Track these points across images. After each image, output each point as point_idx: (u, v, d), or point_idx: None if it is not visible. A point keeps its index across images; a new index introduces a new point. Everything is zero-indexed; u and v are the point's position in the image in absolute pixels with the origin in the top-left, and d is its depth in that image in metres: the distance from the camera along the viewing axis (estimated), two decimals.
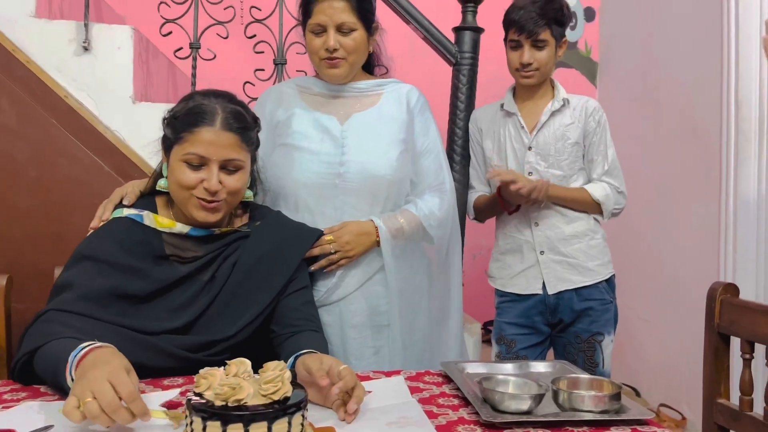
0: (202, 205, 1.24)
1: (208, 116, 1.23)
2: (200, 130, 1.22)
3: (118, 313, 1.18)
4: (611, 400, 0.99)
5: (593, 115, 1.80)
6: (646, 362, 2.79)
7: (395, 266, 1.51)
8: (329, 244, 1.45)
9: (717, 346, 1.26)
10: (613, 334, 1.82)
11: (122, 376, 0.90)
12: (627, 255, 2.77)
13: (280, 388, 0.84)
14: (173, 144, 1.25)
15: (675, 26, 2.64)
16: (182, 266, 1.27)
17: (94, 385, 0.88)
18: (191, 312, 1.24)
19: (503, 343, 1.86)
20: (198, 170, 1.23)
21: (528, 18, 1.74)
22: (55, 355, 1.02)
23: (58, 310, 1.13)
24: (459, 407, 1.04)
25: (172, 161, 1.26)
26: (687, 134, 2.55)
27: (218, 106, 1.25)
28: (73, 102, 1.93)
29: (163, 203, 1.33)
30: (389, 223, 1.50)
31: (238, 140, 1.25)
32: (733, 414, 1.20)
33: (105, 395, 0.87)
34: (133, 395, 0.89)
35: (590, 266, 1.80)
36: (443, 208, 1.57)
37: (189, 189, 1.24)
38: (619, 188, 1.82)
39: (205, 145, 1.22)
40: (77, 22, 1.96)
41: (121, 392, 0.88)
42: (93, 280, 1.19)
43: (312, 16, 1.50)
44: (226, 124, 1.24)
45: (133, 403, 0.88)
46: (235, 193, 1.27)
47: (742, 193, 2.20)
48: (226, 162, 1.24)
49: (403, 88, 1.61)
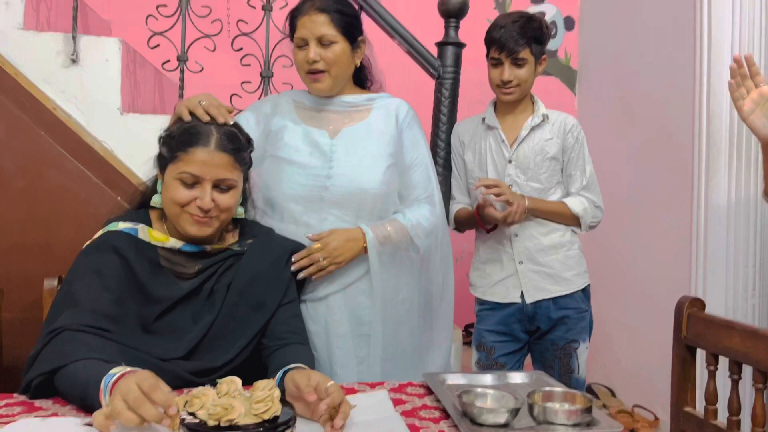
0: (195, 219, 1.28)
1: (203, 137, 1.28)
2: (195, 150, 1.27)
3: (127, 333, 1.21)
4: (583, 413, 1.05)
5: (572, 132, 1.87)
6: (622, 365, 2.88)
7: (381, 273, 1.55)
8: (318, 252, 1.49)
9: (684, 358, 1.33)
10: (588, 341, 1.89)
11: (146, 374, 0.94)
12: (604, 261, 2.85)
13: (270, 407, 0.89)
14: (168, 162, 1.30)
15: (650, 39, 2.72)
16: (180, 282, 1.31)
17: (122, 389, 0.92)
18: (192, 338, 1.27)
19: (483, 350, 1.92)
20: (191, 188, 1.28)
21: (508, 37, 1.80)
22: (84, 377, 1.05)
23: (73, 330, 1.15)
24: (440, 419, 1.10)
25: (167, 179, 1.30)
26: (661, 144, 2.63)
27: (213, 127, 1.30)
28: (62, 114, 1.95)
29: (156, 217, 1.37)
30: (377, 231, 1.54)
31: (232, 161, 1.30)
32: (699, 422, 1.27)
33: (130, 393, 0.91)
34: (153, 387, 0.92)
35: (567, 276, 1.86)
36: (431, 220, 1.61)
37: (182, 206, 1.28)
38: (597, 202, 1.89)
39: (199, 165, 1.26)
40: (65, 34, 1.98)
41: (143, 387, 0.91)
42: (100, 295, 1.21)
43: (296, 30, 1.57)
44: (221, 145, 1.28)
45: (153, 394, 0.91)
46: (227, 210, 1.32)
47: (713, 203, 2.27)
48: (219, 181, 1.29)
49: (393, 103, 1.65)
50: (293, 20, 1.58)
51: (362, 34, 1.61)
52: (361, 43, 1.61)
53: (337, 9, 1.55)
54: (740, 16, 2.25)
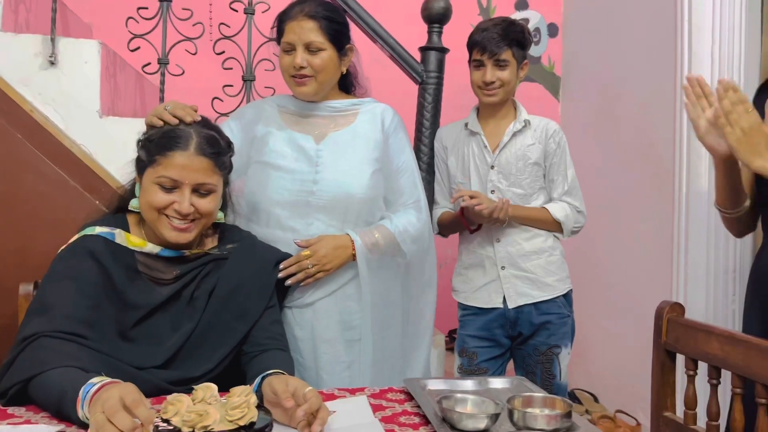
0: (173, 225, 1.27)
1: (183, 141, 1.26)
2: (174, 154, 1.25)
3: (103, 340, 1.19)
4: (563, 418, 1.05)
5: (553, 137, 1.88)
6: (604, 370, 2.88)
7: (370, 280, 1.55)
8: (306, 259, 1.48)
9: (664, 362, 1.33)
10: (570, 346, 1.89)
11: (130, 388, 0.93)
12: (586, 267, 2.86)
13: (246, 413, 0.88)
14: (147, 166, 1.28)
15: (632, 46, 2.74)
16: (158, 288, 1.29)
17: (102, 401, 0.91)
18: (171, 346, 1.25)
19: (465, 356, 1.92)
20: (170, 192, 1.26)
21: (490, 39, 1.81)
22: (60, 386, 1.03)
23: (48, 336, 1.13)
24: (419, 426, 1.09)
25: (145, 183, 1.28)
26: (642, 151, 2.65)
27: (193, 130, 1.28)
28: (39, 116, 1.92)
29: (135, 221, 1.35)
30: (365, 238, 1.54)
31: (211, 165, 1.28)
32: (678, 427, 1.27)
33: (108, 401, 0.90)
34: (136, 402, 0.90)
35: (549, 281, 1.87)
36: (417, 225, 1.62)
37: (160, 210, 1.26)
38: (579, 208, 1.89)
39: (178, 169, 1.25)
40: (43, 36, 1.95)
41: (126, 400, 0.90)
42: (75, 301, 1.19)
43: (284, 34, 1.56)
44: (200, 149, 1.27)
45: (135, 409, 0.89)
46: (207, 215, 1.30)
47: (694, 209, 2.29)
48: (198, 186, 1.27)
49: (378, 108, 1.65)
50: (281, 24, 1.58)
51: (350, 42, 1.62)
52: (349, 51, 1.62)
53: (327, 16, 1.55)
54: (720, 25, 2.28)
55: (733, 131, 1.29)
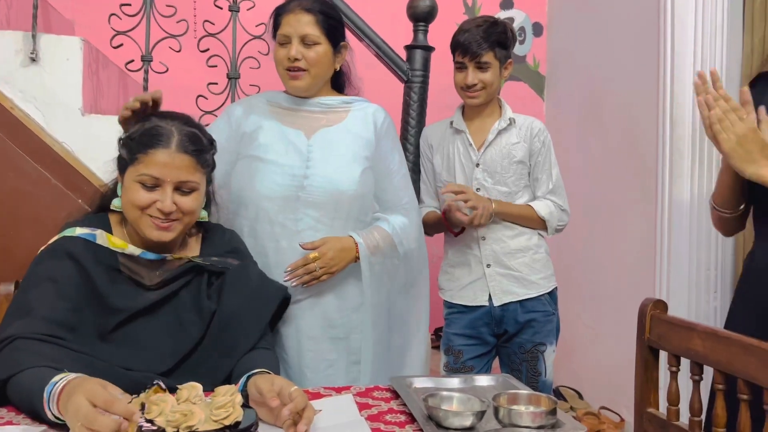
0: (156, 224, 1.25)
1: (164, 138, 1.25)
2: (155, 151, 1.23)
3: (83, 342, 1.17)
4: (548, 415, 1.05)
5: (538, 136, 1.88)
6: (589, 367, 2.91)
7: (372, 282, 1.56)
8: (314, 262, 1.48)
9: (647, 359, 1.34)
10: (555, 344, 1.90)
11: (96, 389, 0.91)
12: (570, 265, 2.88)
13: (231, 413, 0.88)
14: (128, 165, 1.26)
15: (616, 46, 2.77)
16: (143, 292, 1.26)
17: (74, 410, 0.89)
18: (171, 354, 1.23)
19: (451, 354, 1.92)
20: (152, 191, 1.24)
21: (472, 41, 1.81)
22: (30, 386, 1.02)
23: (25, 338, 1.11)
24: (405, 424, 1.09)
25: (127, 181, 1.27)
26: (626, 149, 2.67)
27: (174, 128, 1.26)
28: (20, 114, 1.90)
29: (116, 221, 1.33)
30: (367, 240, 1.55)
31: (194, 162, 1.27)
32: (661, 423, 1.28)
33: (80, 410, 0.88)
34: (108, 402, 0.88)
35: (534, 279, 1.88)
36: (412, 226, 1.64)
37: (142, 209, 1.25)
38: (563, 206, 1.90)
39: (159, 167, 1.23)
40: (24, 33, 1.92)
41: (96, 402, 0.88)
42: (54, 303, 1.17)
43: (280, 27, 1.57)
44: (182, 147, 1.25)
45: (111, 408, 0.88)
46: (189, 214, 1.28)
47: (677, 207, 2.32)
48: (180, 184, 1.25)
49: (370, 108, 1.66)
50: (278, 17, 1.59)
51: (345, 40, 1.63)
52: (343, 48, 1.62)
53: (323, 11, 1.56)
54: (702, 25, 2.31)
55: (727, 138, 1.29)
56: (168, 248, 1.31)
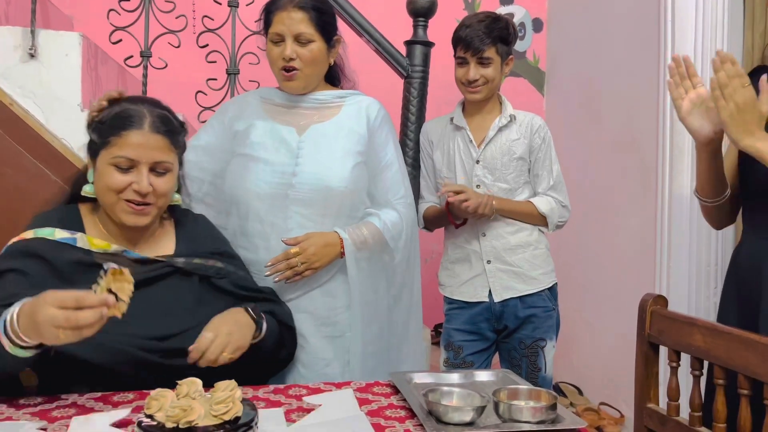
0: (132, 208, 1.25)
1: (136, 119, 1.25)
2: (129, 133, 1.24)
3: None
4: (548, 410, 1.05)
5: (538, 132, 1.88)
6: (589, 363, 2.91)
7: (359, 278, 1.54)
8: (295, 257, 1.47)
9: (647, 354, 1.34)
10: (555, 339, 1.90)
11: (58, 294, 0.95)
12: (571, 260, 2.88)
13: (230, 408, 0.87)
14: (100, 148, 1.26)
15: (616, 42, 2.76)
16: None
17: (48, 320, 0.92)
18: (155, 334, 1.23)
19: (451, 349, 1.93)
20: (127, 173, 1.25)
21: (474, 36, 1.80)
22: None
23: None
24: (405, 419, 1.09)
25: (100, 165, 1.26)
26: (626, 145, 2.67)
27: (145, 109, 1.28)
28: (19, 109, 1.89)
29: (88, 211, 1.33)
30: (354, 235, 1.53)
31: (167, 143, 1.28)
32: (661, 418, 1.28)
33: (56, 317, 0.91)
34: (80, 299, 0.92)
35: (534, 275, 1.88)
36: (404, 222, 1.61)
37: (118, 192, 1.24)
38: (563, 202, 1.90)
39: (134, 148, 1.24)
40: (23, 28, 1.91)
41: (67, 304, 0.92)
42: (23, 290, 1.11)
43: (272, 25, 1.54)
44: (155, 127, 1.26)
45: (85, 303, 0.92)
46: (164, 196, 1.29)
47: (677, 203, 2.32)
48: (155, 164, 1.26)
49: (364, 102, 1.64)
50: (269, 14, 1.56)
51: (338, 34, 1.61)
52: (337, 43, 1.61)
53: (315, 7, 1.54)
54: (703, 20, 2.30)
55: (726, 105, 1.25)
56: (143, 238, 1.31)
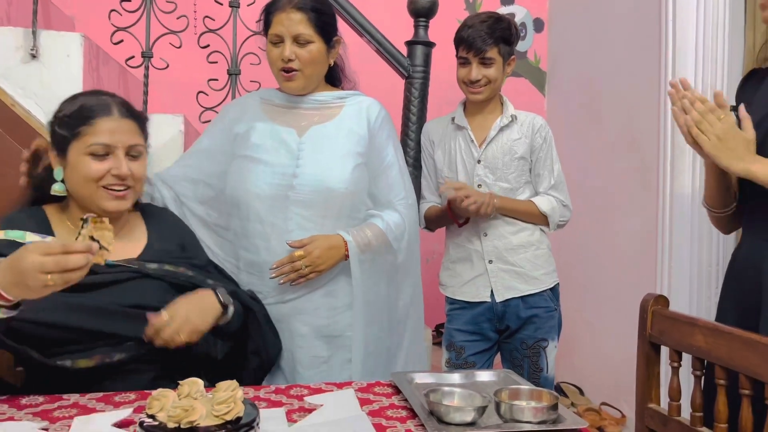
0: (113, 194, 1.27)
1: (104, 107, 1.28)
2: (100, 120, 1.26)
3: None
4: (549, 410, 1.05)
5: (540, 132, 1.88)
6: (590, 363, 2.91)
7: (362, 280, 1.54)
8: (300, 260, 1.48)
9: (648, 354, 1.34)
10: (556, 340, 1.90)
11: (41, 244, 0.95)
12: (572, 261, 2.88)
13: (232, 408, 0.88)
14: (71, 141, 1.26)
15: (617, 42, 2.76)
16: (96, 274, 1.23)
17: (35, 269, 0.92)
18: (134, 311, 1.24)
19: (453, 350, 1.92)
20: (104, 160, 1.26)
21: (476, 36, 1.80)
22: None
23: None
24: (407, 419, 1.09)
25: (73, 158, 1.27)
26: (627, 145, 2.67)
27: (108, 98, 1.31)
28: (20, 110, 1.89)
29: (55, 212, 1.32)
30: (358, 238, 1.53)
31: (136, 127, 1.31)
32: (663, 418, 1.28)
33: (44, 263, 0.92)
34: (64, 246, 0.93)
35: (536, 275, 1.87)
36: (406, 222, 1.61)
37: (97, 180, 1.26)
38: (564, 202, 1.90)
39: (108, 134, 1.26)
40: (25, 29, 1.92)
41: (52, 251, 0.93)
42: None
43: (271, 26, 1.55)
44: (123, 112, 1.30)
45: (70, 249, 0.93)
46: (140, 180, 1.32)
47: (678, 204, 2.31)
48: (130, 147, 1.29)
49: (364, 102, 1.64)
50: (268, 15, 1.56)
51: (337, 34, 1.61)
52: (336, 44, 1.61)
53: (315, 8, 1.53)
54: (704, 21, 2.30)
55: (708, 139, 1.29)
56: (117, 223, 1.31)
